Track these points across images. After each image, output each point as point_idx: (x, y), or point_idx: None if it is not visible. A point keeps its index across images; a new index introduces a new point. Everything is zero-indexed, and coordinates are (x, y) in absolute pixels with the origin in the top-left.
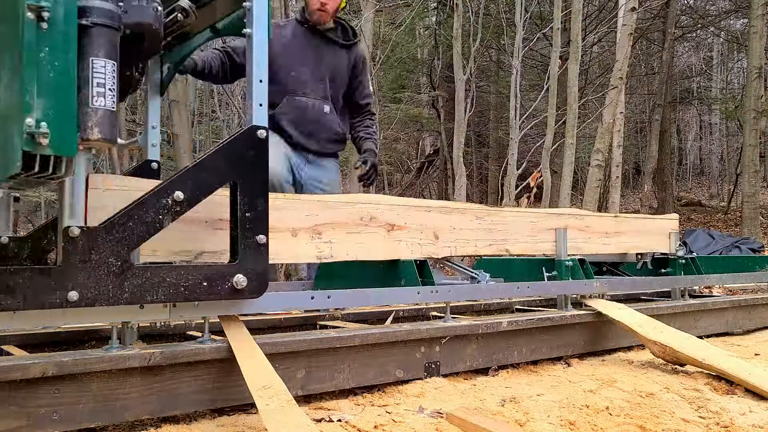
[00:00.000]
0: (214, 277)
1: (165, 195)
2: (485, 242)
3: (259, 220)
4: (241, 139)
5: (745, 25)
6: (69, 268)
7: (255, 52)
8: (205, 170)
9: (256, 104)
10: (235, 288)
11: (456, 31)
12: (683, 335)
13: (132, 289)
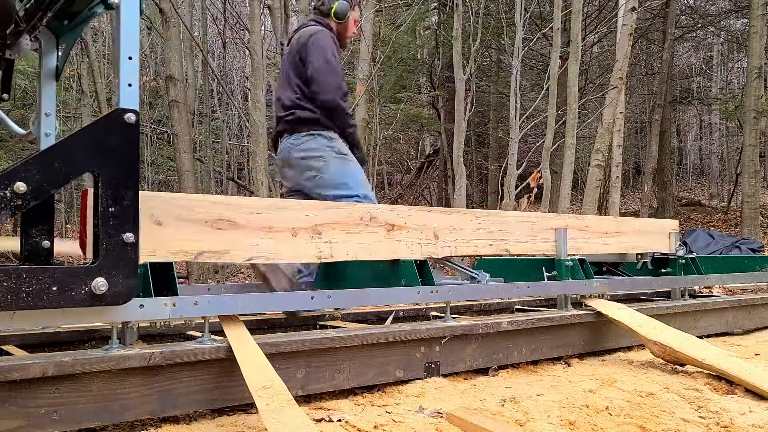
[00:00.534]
0: (67, 281)
1: (2, 186)
2: (485, 242)
3: (125, 216)
4: (104, 123)
5: (745, 25)
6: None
7: (123, 25)
8: (57, 158)
9: (124, 84)
10: (93, 293)
11: (456, 31)
12: (683, 335)
13: None
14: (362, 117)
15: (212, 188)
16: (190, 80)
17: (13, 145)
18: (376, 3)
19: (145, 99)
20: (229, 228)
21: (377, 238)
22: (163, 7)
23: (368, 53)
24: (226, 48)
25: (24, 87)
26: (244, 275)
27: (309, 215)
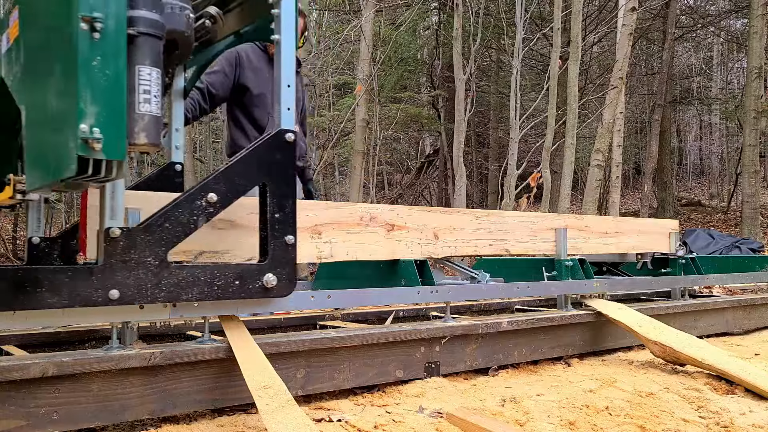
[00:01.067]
0: (246, 276)
1: (199, 197)
2: (485, 242)
3: (287, 221)
4: (270, 142)
5: (745, 25)
6: (110, 267)
7: (283, 57)
8: (237, 173)
9: (284, 108)
10: (265, 287)
11: (456, 31)
12: (683, 335)
13: (168, 288)
14: (362, 117)
15: None
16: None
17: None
18: (376, 3)
19: None
20: (229, 228)
21: (377, 238)
22: None
23: (368, 53)
24: None
25: None
26: None
27: (309, 215)
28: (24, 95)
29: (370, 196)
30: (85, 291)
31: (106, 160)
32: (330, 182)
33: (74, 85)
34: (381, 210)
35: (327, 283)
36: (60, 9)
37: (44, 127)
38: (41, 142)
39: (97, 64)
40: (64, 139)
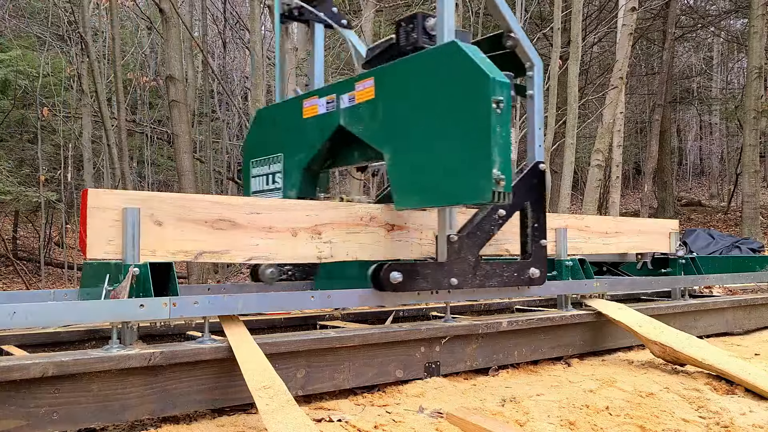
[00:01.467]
0: (520, 270)
1: (494, 212)
2: None
3: (541, 229)
4: (530, 172)
5: (745, 25)
6: (450, 262)
7: (536, 107)
8: (515, 194)
9: (536, 145)
10: (530, 278)
11: None
12: (683, 335)
13: (480, 277)
14: None
15: (212, 188)
16: (190, 80)
17: (13, 146)
18: (376, 3)
19: (145, 99)
20: (229, 228)
21: (377, 238)
22: (163, 7)
23: None
24: (226, 48)
25: (24, 87)
26: (244, 275)
27: (309, 215)
28: (389, 143)
29: (370, 196)
30: (439, 279)
31: (504, 192)
32: (330, 182)
33: (487, 143)
34: (381, 210)
35: (327, 283)
36: (476, 94)
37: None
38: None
39: (499, 130)
40: (477, 178)
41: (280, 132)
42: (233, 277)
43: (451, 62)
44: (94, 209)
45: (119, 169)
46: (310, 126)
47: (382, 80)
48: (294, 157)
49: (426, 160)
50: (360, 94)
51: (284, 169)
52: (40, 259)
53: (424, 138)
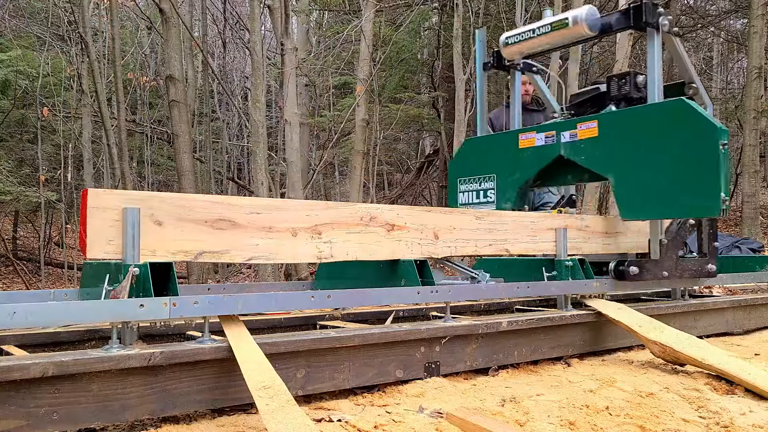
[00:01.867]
0: (701, 265)
1: (686, 222)
2: (485, 242)
3: (714, 234)
4: None
5: (745, 25)
6: (662, 259)
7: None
8: None
9: None
10: (708, 272)
11: (456, 31)
12: (683, 335)
13: (679, 271)
14: (362, 117)
15: (212, 188)
16: (190, 80)
17: (13, 146)
18: (376, 3)
19: (145, 99)
20: (229, 228)
21: (377, 238)
22: (163, 7)
23: (368, 53)
24: (226, 48)
25: (24, 87)
26: (244, 275)
27: (309, 215)
28: (613, 170)
29: (370, 196)
30: (656, 272)
31: (725, 209)
32: (330, 182)
33: (717, 174)
34: (381, 210)
35: (327, 283)
36: (706, 139)
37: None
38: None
39: (724, 164)
40: (709, 199)
41: (493, 157)
42: (233, 277)
43: (680, 115)
44: (94, 209)
45: (119, 169)
46: (528, 154)
47: (606, 123)
48: (509, 177)
49: (652, 184)
50: (582, 132)
51: (497, 186)
52: (40, 259)
53: (650, 167)
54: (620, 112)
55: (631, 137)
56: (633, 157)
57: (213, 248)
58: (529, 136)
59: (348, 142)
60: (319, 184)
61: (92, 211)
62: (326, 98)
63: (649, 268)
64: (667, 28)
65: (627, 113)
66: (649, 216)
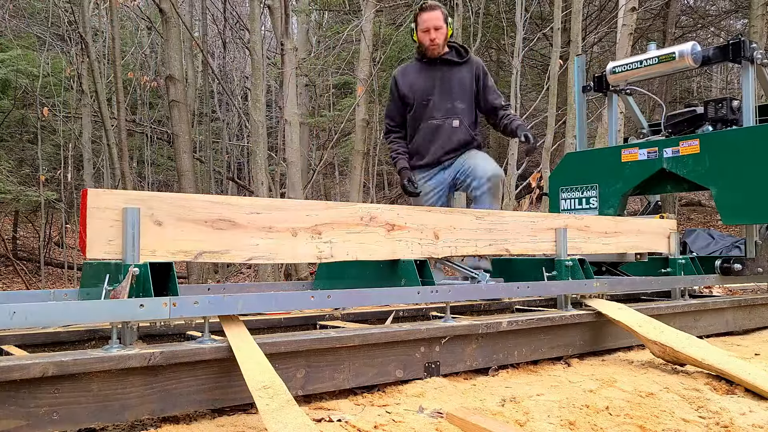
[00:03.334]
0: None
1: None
2: (485, 242)
3: None
4: None
5: (745, 25)
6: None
7: None
8: None
9: None
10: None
11: (456, 30)
12: (683, 335)
13: None
14: (362, 117)
15: (212, 188)
16: (190, 80)
17: (13, 146)
18: (376, 3)
19: (145, 99)
20: (229, 228)
21: (377, 238)
22: (163, 7)
23: (368, 53)
24: (226, 48)
25: (24, 87)
26: (244, 275)
27: (309, 215)
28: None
29: (370, 196)
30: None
31: None
32: (330, 182)
33: None
34: (381, 210)
35: (327, 283)
36: None
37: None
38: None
39: None
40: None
41: (596, 169)
42: (233, 278)
43: None
44: (94, 209)
45: (119, 169)
46: (630, 167)
47: (708, 141)
48: (611, 187)
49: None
50: (684, 149)
51: (600, 195)
52: (40, 259)
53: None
54: (723, 132)
55: (730, 154)
56: (732, 171)
57: (213, 248)
58: (632, 152)
59: (348, 142)
60: (319, 184)
61: (92, 211)
62: (326, 98)
63: (749, 266)
64: (759, 60)
65: (728, 133)
66: (748, 221)
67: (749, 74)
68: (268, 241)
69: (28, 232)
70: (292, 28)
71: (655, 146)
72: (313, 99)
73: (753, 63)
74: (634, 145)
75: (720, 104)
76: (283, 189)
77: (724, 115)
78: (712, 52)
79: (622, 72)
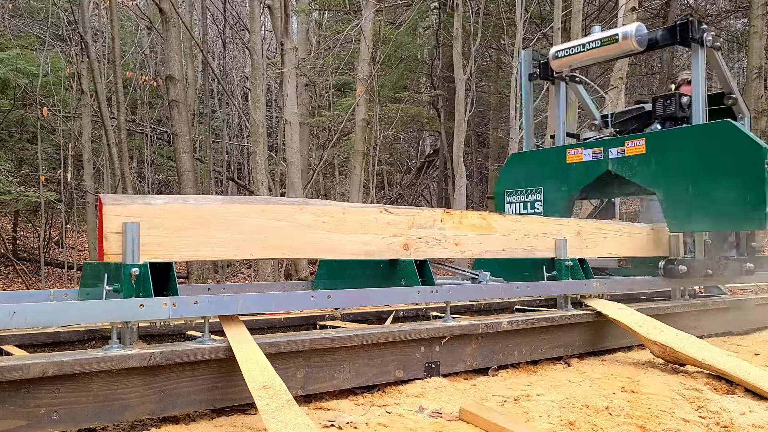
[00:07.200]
0: (740, 263)
1: None
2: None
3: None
4: None
5: (745, 25)
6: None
7: None
8: None
9: None
10: (748, 270)
11: (456, 30)
12: (683, 335)
13: (720, 269)
14: (362, 117)
15: (212, 188)
16: (190, 80)
17: (13, 146)
18: (376, 3)
19: (145, 99)
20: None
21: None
22: (163, 7)
23: (368, 53)
24: (226, 48)
25: (24, 87)
26: (244, 275)
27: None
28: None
29: (370, 196)
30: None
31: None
32: (330, 182)
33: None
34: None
35: (327, 283)
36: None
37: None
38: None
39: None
40: (755, 214)
41: (540, 171)
42: (233, 278)
43: (727, 135)
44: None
45: (119, 169)
46: (575, 169)
47: (654, 141)
48: (557, 190)
49: (698, 199)
50: (630, 149)
51: (544, 198)
52: (40, 259)
53: (696, 183)
54: (669, 131)
55: (678, 155)
56: (680, 173)
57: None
58: (577, 152)
59: (348, 142)
60: (319, 184)
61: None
62: (326, 98)
63: (697, 267)
64: (710, 43)
65: (675, 132)
66: (696, 228)
67: (699, 59)
68: None
69: (28, 232)
70: (292, 28)
71: (601, 146)
72: (313, 99)
73: (703, 46)
74: (579, 145)
75: (668, 100)
76: (283, 189)
77: (673, 112)
78: (659, 34)
79: (565, 56)
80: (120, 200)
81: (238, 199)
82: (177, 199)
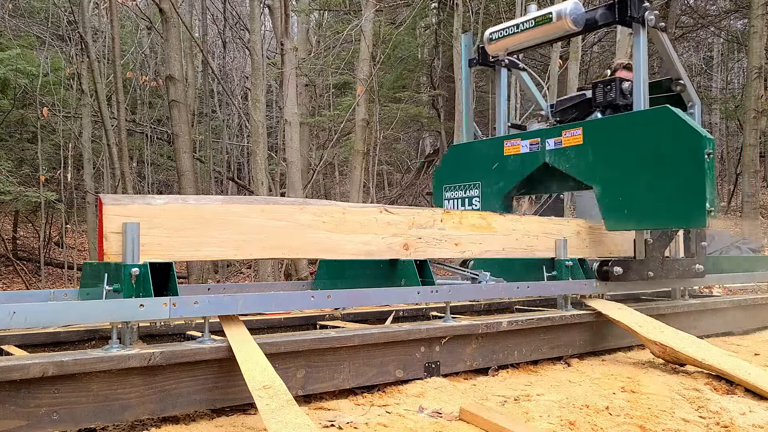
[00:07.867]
0: (687, 266)
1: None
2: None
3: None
4: None
5: (745, 25)
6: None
7: None
8: None
9: None
10: (696, 271)
11: (456, 30)
12: (683, 335)
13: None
14: (362, 117)
15: (212, 188)
16: (190, 80)
17: (13, 146)
18: (376, 3)
19: (145, 99)
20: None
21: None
22: (163, 7)
23: (368, 53)
24: (226, 48)
25: (24, 87)
26: (244, 275)
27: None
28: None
29: (370, 196)
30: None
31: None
32: (330, 182)
33: (702, 184)
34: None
35: (327, 283)
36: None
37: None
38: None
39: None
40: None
41: (478, 164)
42: (233, 278)
43: (665, 122)
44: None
45: (119, 169)
46: (512, 161)
47: (591, 130)
48: (494, 185)
49: (637, 194)
50: (567, 139)
51: (482, 194)
52: (40, 259)
53: (635, 177)
54: (605, 119)
55: (616, 146)
56: (618, 166)
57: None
58: (514, 143)
59: (348, 142)
60: (319, 184)
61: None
62: (326, 98)
63: (636, 268)
64: (653, 22)
65: (612, 121)
66: (635, 227)
67: (640, 40)
68: None
69: (28, 232)
70: (292, 28)
71: (538, 137)
72: (313, 99)
73: (644, 25)
74: (516, 135)
75: (608, 86)
76: (283, 189)
77: (613, 99)
78: (598, 13)
79: (499, 39)
80: (120, 200)
81: (238, 199)
82: (177, 199)
